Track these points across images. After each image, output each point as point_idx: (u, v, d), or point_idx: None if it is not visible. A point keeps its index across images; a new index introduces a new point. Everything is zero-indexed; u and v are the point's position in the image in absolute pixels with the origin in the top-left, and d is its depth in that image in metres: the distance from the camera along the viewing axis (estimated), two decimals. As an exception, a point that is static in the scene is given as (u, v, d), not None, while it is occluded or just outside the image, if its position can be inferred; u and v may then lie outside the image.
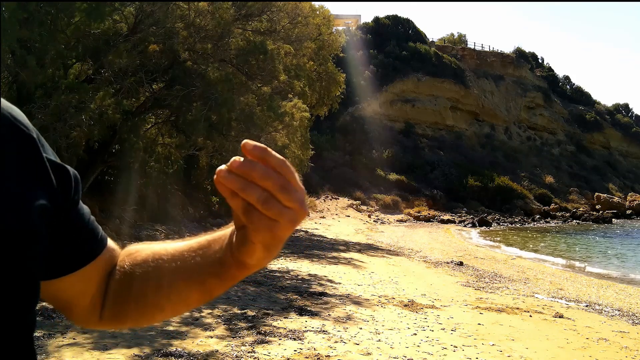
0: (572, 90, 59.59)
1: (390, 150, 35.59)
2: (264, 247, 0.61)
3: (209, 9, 10.91)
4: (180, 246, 0.74)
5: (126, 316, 0.79)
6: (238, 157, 0.57)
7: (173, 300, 0.74)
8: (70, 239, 0.71)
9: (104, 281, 0.78)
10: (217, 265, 0.69)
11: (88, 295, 0.77)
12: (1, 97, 0.59)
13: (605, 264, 15.08)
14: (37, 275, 0.63)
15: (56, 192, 0.67)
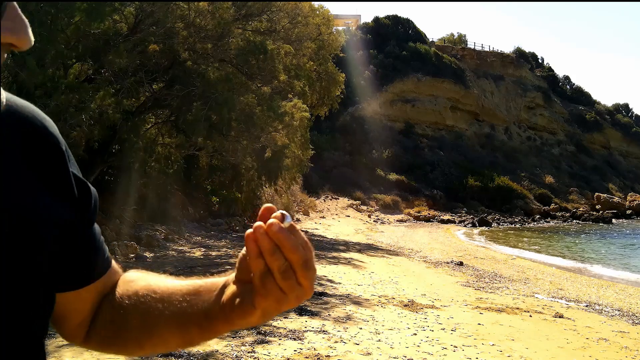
0: (572, 90, 59.60)
1: (390, 150, 35.59)
2: (262, 313, 0.60)
3: (209, 9, 10.91)
4: (172, 286, 0.72)
5: (110, 343, 0.78)
6: (276, 221, 0.57)
7: (154, 340, 0.73)
8: (79, 256, 0.71)
9: (97, 303, 0.77)
10: (201, 317, 0.66)
11: (81, 314, 0.76)
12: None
13: (605, 264, 15.08)
14: (52, 283, 0.65)
15: (76, 208, 0.68)
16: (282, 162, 13.86)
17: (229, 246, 11.46)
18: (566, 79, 61.02)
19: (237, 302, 0.62)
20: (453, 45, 51.39)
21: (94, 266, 0.75)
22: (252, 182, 16.23)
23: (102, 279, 0.76)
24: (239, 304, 0.61)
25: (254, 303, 0.59)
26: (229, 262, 9.20)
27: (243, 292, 0.61)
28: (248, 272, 0.60)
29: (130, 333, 0.74)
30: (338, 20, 39.33)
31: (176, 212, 13.21)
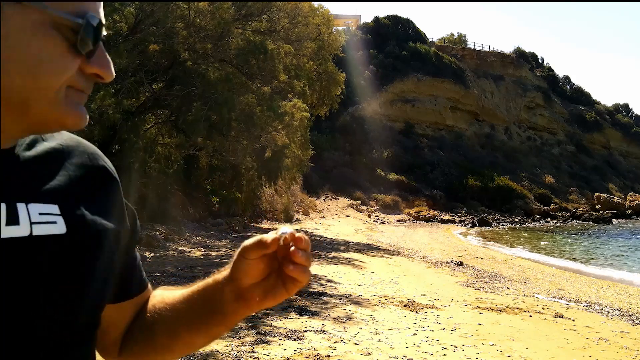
0: (572, 90, 59.62)
1: (390, 150, 35.59)
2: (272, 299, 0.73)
3: (209, 9, 10.91)
4: (181, 295, 0.82)
5: (143, 355, 0.85)
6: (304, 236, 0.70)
7: (180, 343, 0.82)
8: (124, 273, 0.80)
9: (133, 318, 0.85)
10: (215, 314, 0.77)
11: (119, 328, 0.83)
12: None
13: (605, 263, 15.08)
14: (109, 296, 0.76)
15: (128, 231, 0.78)
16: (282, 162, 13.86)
17: (229, 246, 11.46)
18: (566, 79, 61.06)
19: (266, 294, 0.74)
20: (453, 45, 51.39)
21: (136, 282, 0.84)
22: (252, 182, 16.23)
23: (141, 295, 0.85)
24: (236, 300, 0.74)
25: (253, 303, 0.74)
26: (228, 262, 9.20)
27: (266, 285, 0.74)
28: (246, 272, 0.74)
29: (160, 340, 0.82)
30: (338, 20, 39.34)
31: (176, 212, 13.21)
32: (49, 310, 0.62)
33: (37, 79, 0.58)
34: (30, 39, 0.57)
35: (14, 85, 0.57)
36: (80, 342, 0.68)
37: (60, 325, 0.64)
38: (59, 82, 0.60)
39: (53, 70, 0.59)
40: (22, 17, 0.57)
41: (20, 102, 0.58)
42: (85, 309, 0.67)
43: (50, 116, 0.61)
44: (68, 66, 0.60)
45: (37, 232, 0.61)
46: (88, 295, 0.67)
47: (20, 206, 0.61)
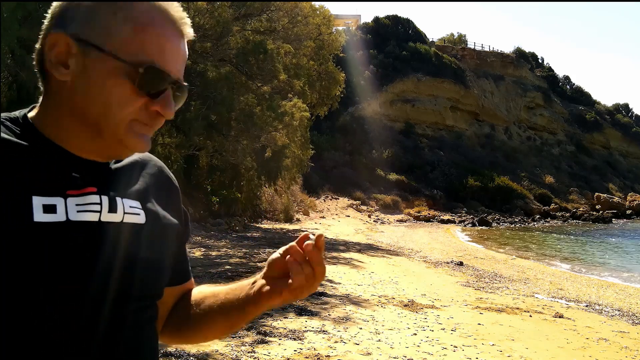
0: (572, 90, 59.60)
1: (390, 150, 35.58)
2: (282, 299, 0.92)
3: (208, 8, 10.91)
4: (217, 289, 1.02)
5: (177, 334, 1.04)
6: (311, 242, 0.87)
7: (208, 327, 1.01)
8: (176, 263, 0.98)
9: (177, 301, 1.03)
10: (239, 303, 0.95)
11: (166, 308, 1.00)
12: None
13: (605, 263, 15.08)
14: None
15: (182, 229, 0.99)
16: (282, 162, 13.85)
17: (229, 246, 11.45)
18: (566, 79, 61.04)
19: (267, 289, 0.91)
20: (453, 45, 51.38)
21: (185, 272, 1.04)
22: (252, 182, 16.23)
23: (186, 283, 1.04)
24: (269, 291, 0.90)
25: (281, 291, 0.89)
26: (229, 262, 9.19)
27: (271, 283, 0.91)
28: (276, 270, 0.90)
29: (192, 323, 1.00)
30: (338, 20, 39.32)
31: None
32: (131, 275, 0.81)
33: (108, 110, 0.76)
34: (106, 80, 0.75)
35: (93, 112, 0.76)
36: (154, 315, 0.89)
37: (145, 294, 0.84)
38: (123, 116, 0.76)
39: (120, 106, 0.76)
40: (103, 64, 0.75)
41: (95, 126, 0.77)
42: (161, 284, 0.88)
43: (117, 140, 0.78)
44: (132, 104, 0.76)
45: (127, 220, 0.81)
46: (161, 273, 0.87)
47: (118, 200, 0.81)
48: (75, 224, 0.75)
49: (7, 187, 0.71)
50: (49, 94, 0.79)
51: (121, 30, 0.75)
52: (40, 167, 0.76)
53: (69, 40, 0.75)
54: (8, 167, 0.73)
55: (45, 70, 0.78)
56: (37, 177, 0.75)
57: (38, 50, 0.79)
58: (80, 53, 0.75)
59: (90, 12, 0.76)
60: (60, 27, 0.76)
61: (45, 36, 0.78)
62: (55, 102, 0.78)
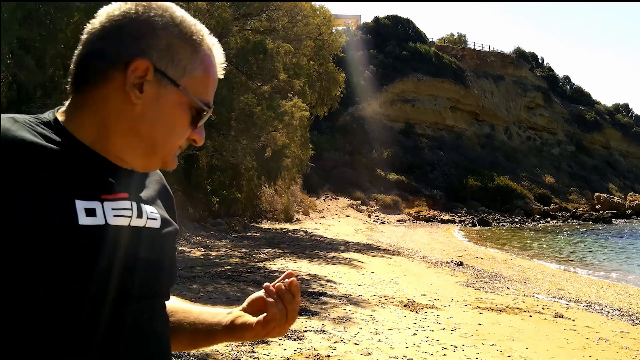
0: (572, 90, 59.58)
1: (390, 150, 35.58)
2: (255, 333, 1.00)
3: (208, 8, 10.91)
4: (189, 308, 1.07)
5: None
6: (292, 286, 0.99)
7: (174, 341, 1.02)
8: (173, 267, 1.02)
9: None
10: (208, 329, 1.03)
11: None
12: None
13: (605, 264, 15.08)
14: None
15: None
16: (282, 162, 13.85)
17: (229, 246, 11.45)
18: (566, 79, 61.02)
19: (241, 321, 1.00)
20: (453, 45, 51.37)
21: (175, 275, 1.05)
22: (252, 182, 16.22)
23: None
24: (242, 323, 1.00)
25: (253, 324, 0.99)
26: (228, 262, 9.19)
27: (250, 317, 1.01)
28: (255, 308, 1.01)
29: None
30: (338, 20, 39.32)
31: (176, 212, 13.18)
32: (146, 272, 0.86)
33: (168, 137, 0.84)
34: (174, 111, 0.83)
35: (155, 136, 0.83)
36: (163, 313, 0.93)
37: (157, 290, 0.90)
38: (178, 142, 0.86)
39: (178, 134, 0.85)
40: (174, 96, 0.82)
41: (152, 147, 0.84)
42: (167, 284, 0.93)
43: (164, 160, 0.87)
44: (185, 133, 0.86)
45: (148, 225, 0.87)
46: (168, 273, 0.92)
47: (142, 205, 0.87)
48: (112, 227, 0.80)
49: (52, 190, 0.75)
50: (95, 105, 0.82)
51: (194, 70, 0.83)
52: (79, 171, 0.80)
53: (151, 68, 0.80)
54: (50, 171, 0.76)
55: (84, 79, 0.82)
56: (77, 181, 0.79)
57: (82, 57, 0.83)
58: (155, 81, 0.80)
59: (171, 47, 0.81)
60: (143, 54, 0.80)
61: (92, 43, 0.82)
62: (106, 114, 0.81)
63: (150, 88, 0.80)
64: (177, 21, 0.83)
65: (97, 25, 0.82)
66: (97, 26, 0.82)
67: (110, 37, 0.81)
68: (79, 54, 0.84)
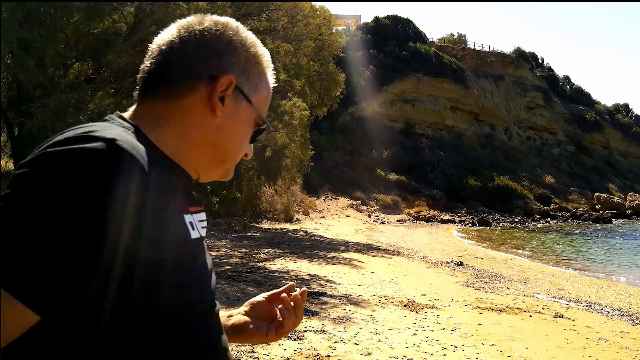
0: (572, 90, 59.58)
1: (390, 150, 35.57)
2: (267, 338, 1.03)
3: (208, 8, 10.91)
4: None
5: None
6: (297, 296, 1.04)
7: None
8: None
9: None
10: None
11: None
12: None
13: (605, 263, 15.08)
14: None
15: None
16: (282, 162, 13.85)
17: (229, 246, 11.45)
18: (566, 79, 61.03)
19: (251, 327, 1.02)
20: (453, 45, 51.37)
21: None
22: (252, 182, 16.22)
23: None
24: (253, 329, 1.02)
25: (266, 332, 1.02)
26: (228, 262, 9.19)
27: (256, 322, 1.02)
28: (259, 312, 1.03)
29: None
30: (338, 20, 39.30)
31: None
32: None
33: (237, 150, 0.90)
34: (245, 125, 0.89)
35: (229, 148, 0.88)
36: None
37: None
38: (242, 155, 0.92)
39: (243, 147, 0.90)
40: (247, 112, 0.88)
41: (224, 159, 0.89)
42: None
43: (227, 171, 0.92)
44: (247, 147, 0.92)
45: (203, 234, 0.89)
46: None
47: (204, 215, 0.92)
48: (204, 239, 0.87)
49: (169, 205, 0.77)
50: (179, 116, 0.84)
51: (261, 89, 0.90)
52: (178, 186, 0.83)
53: (233, 84, 0.85)
54: (160, 186, 0.75)
55: (167, 90, 0.84)
56: (178, 195, 0.82)
57: (161, 66, 0.85)
58: (233, 96, 0.85)
59: (247, 65, 0.87)
60: (227, 70, 0.84)
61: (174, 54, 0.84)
62: (189, 125, 0.84)
63: (229, 102, 0.85)
64: (249, 42, 0.89)
65: (177, 37, 0.85)
66: (176, 39, 0.85)
67: (195, 52, 0.84)
68: (156, 63, 0.85)
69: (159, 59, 0.85)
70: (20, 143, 9.78)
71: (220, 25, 0.87)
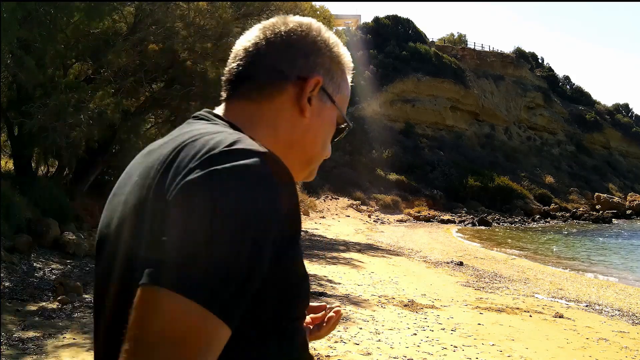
0: (572, 90, 59.57)
1: (390, 150, 35.57)
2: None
3: (208, 8, 10.90)
4: None
5: None
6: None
7: None
8: None
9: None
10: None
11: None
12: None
13: (605, 263, 15.07)
14: None
15: None
16: (282, 162, 13.80)
17: (229, 246, 11.44)
18: (566, 79, 61.01)
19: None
20: (453, 45, 51.36)
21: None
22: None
23: None
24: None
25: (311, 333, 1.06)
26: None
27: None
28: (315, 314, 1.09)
29: None
30: (338, 20, 39.29)
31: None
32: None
33: (323, 149, 0.91)
34: (329, 125, 0.90)
35: (315, 148, 0.89)
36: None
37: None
38: (325, 155, 0.92)
39: (327, 147, 0.92)
40: (331, 111, 0.89)
41: (310, 159, 0.90)
42: None
43: (311, 172, 0.93)
44: (329, 147, 0.93)
45: None
46: None
47: None
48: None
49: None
50: (270, 117, 0.84)
51: (344, 90, 0.92)
52: None
53: (320, 84, 0.86)
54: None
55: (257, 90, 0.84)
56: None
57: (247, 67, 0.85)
58: (318, 97, 0.86)
59: (332, 65, 0.88)
60: (314, 71, 0.86)
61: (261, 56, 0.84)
62: (280, 126, 0.85)
63: (315, 103, 0.86)
64: (331, 42, 0.90)
65: (262, 39, 0.86)
66: (262, 40, 0.85)
67: (282, 53, 0.85)
68: (243, 65, 0.85)
69: (246, 61, 0.85)
70: (20, 143, 9.77)
71: (305, 26, 0.88)
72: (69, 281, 6.29)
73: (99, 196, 11.39)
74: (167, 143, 0.77)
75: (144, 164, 0.77)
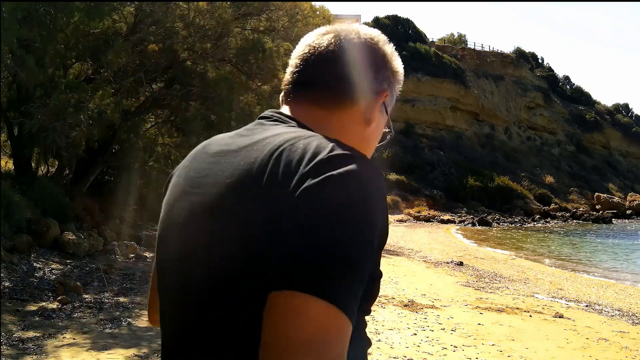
0: (572, 90, 59.59)
1: (390, 150, 35.59)
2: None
3: (208, 8, 10.90)
4: None
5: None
6: None
7: None
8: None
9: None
10: None
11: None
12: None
13: (605, 264, 15.08)
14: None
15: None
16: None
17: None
18: (566, 79, 61.05)
19: None
20: (453, 45, 51.37)
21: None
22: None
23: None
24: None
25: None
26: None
27: None
28: None
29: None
30: (338, 20, 39.27)
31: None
32: None
33: (371, 154, 0.93)
34: (380, 133, 0.92)
35: (370, 149, 0.92)
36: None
37: None
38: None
39: (375, 147, 0.94)
40: (384, 120, 0.91)
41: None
42: None
43: None
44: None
45: None
46: None
47: None
48: None
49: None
50: (340, 126, 0.86)
51: (394, 101, 0.94)
52: None
53: (388, 98, 0.89)
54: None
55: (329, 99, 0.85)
56: None
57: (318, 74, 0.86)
58: (380, 108, 0.88)
59: (393, 79, 0.90)
60: (383, 84, 0.88)
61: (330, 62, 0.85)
62: (348, 135, 0.85)
63: (377, 113, 0.88)
64: (393, 56, 0.91)
65: (335, 45, 0.85)
66: (335, 47, 0.85)
67: (356, 64, 0.85)
68: (316, 70, 0.86)
69: (320, 67, 0.85)
70: (20, 143, 9.77)
71: (376, 38, 0.89)
72: (68, 281, 6.29)
73: (99, 196, 11.39)
74: (251, 145, 0.76)
75: (229, 164, 0.76)
